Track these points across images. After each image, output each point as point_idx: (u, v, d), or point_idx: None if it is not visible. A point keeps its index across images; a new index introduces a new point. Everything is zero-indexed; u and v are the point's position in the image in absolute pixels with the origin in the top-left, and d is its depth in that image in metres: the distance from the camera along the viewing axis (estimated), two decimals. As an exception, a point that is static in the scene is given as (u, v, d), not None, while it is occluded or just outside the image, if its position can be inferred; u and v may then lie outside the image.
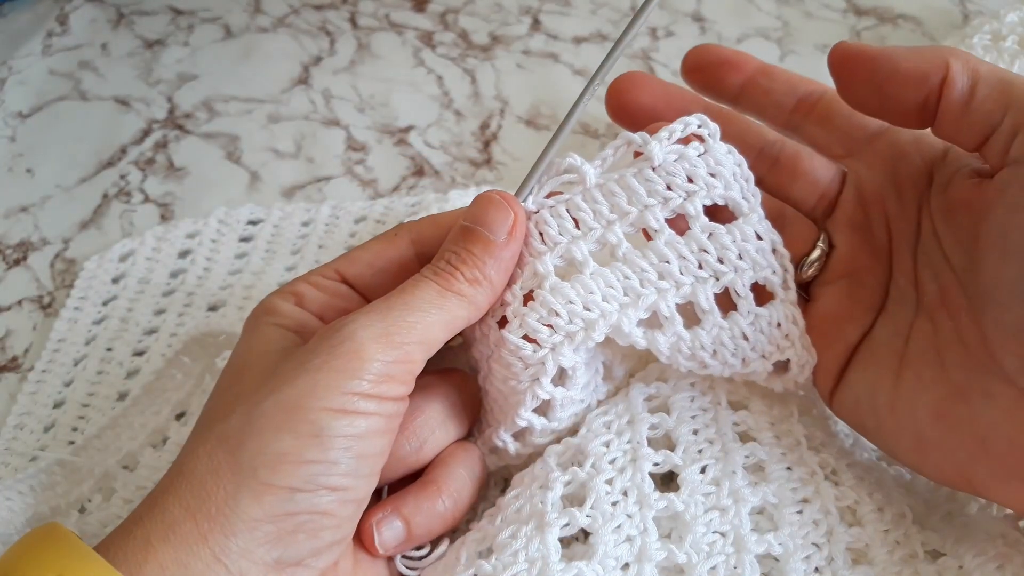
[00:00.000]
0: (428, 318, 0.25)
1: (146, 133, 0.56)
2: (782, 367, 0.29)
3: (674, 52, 0.61)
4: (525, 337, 0.27)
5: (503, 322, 0.28)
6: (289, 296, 0.28)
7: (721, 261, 0.28)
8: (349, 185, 0.52)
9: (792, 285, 0.29)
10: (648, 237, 0.28)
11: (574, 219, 0.28)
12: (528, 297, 0.27)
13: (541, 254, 0.27)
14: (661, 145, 0.28)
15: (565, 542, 0.27)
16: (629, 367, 0.32)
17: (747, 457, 0.29)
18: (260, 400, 0.24)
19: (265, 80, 0.60)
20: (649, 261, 0.27)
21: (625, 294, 0.27)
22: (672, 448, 0.29)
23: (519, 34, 0.63)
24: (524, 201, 0.28)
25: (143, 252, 0.47)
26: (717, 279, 0.28)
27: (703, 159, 0.28)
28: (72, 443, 0.37)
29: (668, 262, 0.27)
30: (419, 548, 0.28)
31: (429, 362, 0.26)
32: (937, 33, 0.60)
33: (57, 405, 0.40)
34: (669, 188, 0.28)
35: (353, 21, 0.65)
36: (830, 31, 0.62)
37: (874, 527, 0.27)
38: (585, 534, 0.27)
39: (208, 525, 0.23)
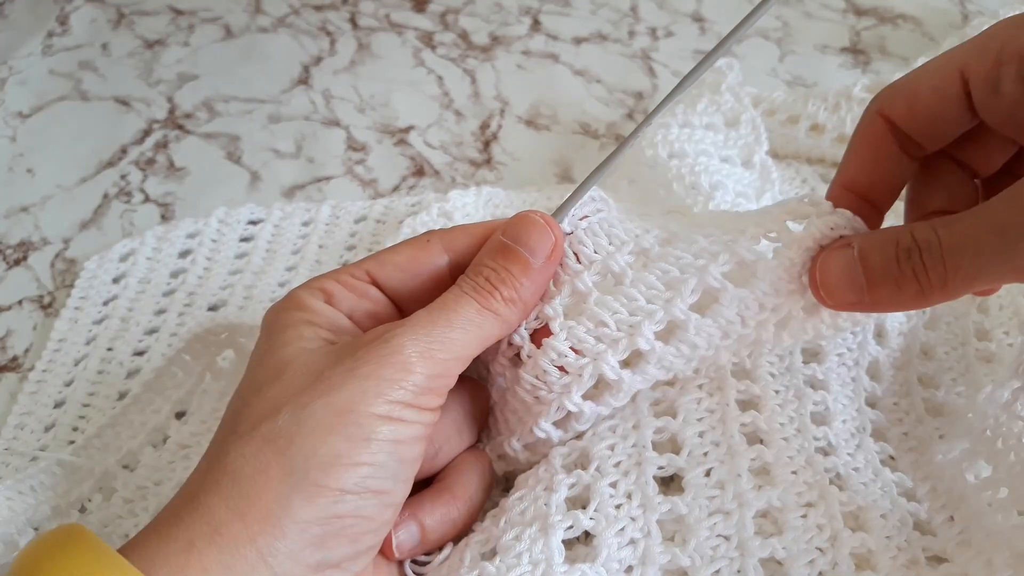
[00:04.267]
0: (467, 336, 0.26)
1: (146, 133, 0.56)
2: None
3: (674, 52, 0.61)
4: (571, 349, 0.28)
5: (537, 335, 0.28)
6: (318, 293, 0.28)
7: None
8: (349, 185, 0.52)
9: None
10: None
11: (607, 236, 0.29)
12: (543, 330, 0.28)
13: (579, 273, 0.28)
14: None
15: (568, 544, 0.27)
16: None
17: (753, 460, 0.29)
18: (308, 402, 0.24)
19: (265, 80, 0.60)
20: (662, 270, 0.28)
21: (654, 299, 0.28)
22: (677, 451, 0.29)
23: (519, 34, 0.63)
24: (561, 223, 0.29)
25: (143, 252, 0.47)
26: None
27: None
28: (72, 443, 0.37)
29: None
30: (427, 554, 0.28)
31: None
32: (937, 33, 0.60)
33: (58, 405, 0.40)
34: None
35: (353, 21, 0.65)
36: (830, 31, 0.62)
37: (877, 533, 0.28)
38: (586, 535, 0.27)
39: (258, 527, 0.22)
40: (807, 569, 0.27)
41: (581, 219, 0.29)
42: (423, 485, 0.29)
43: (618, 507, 0.27)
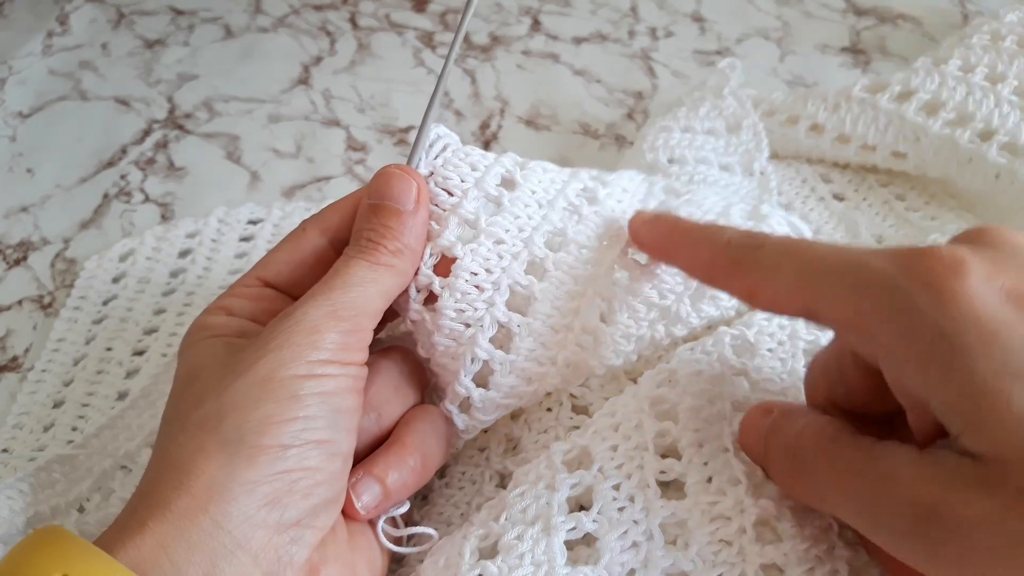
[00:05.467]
0: (367, 292, 0.27)
1: (146, 133, 0.56)
2: None
3: (674, 52, 0.61)
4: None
5: (441, 268, 0.29)
6: (218, 311, 0.29)
7: None
8: (349, 185, 0.52)
9: None
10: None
11: (468, 164, 0.31)
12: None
13: (457, 205, 0.30)
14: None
15: (568, 545, 0.27)
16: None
17: (750, 469, 0.29)
18: (229, 384, 0.25)
19: (265, 80, 0.60)
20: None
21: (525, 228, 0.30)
22: (678, 456, 0.29)
23: (519, 34, 0.63)
24: (417, 167, 0.30)
25: (143, 252, 0.47)
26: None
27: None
28: (71, 442, 0.37)
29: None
30: (395, 526, 0.29)
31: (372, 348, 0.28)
32: (937, 33, 0.60)
33: (57, 405, 0.40)
34: None
35: (353, 21, 0.65)
36: (830, 31, 0.62)
37: None
38: (587, 536, 0.27)
39: (206, 495, 0.23)
40: None
41: (435, 158, 0.30)
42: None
43: (621, 510, 0.27)
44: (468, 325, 0.29)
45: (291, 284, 0.30)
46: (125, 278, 0.45)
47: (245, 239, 0.48)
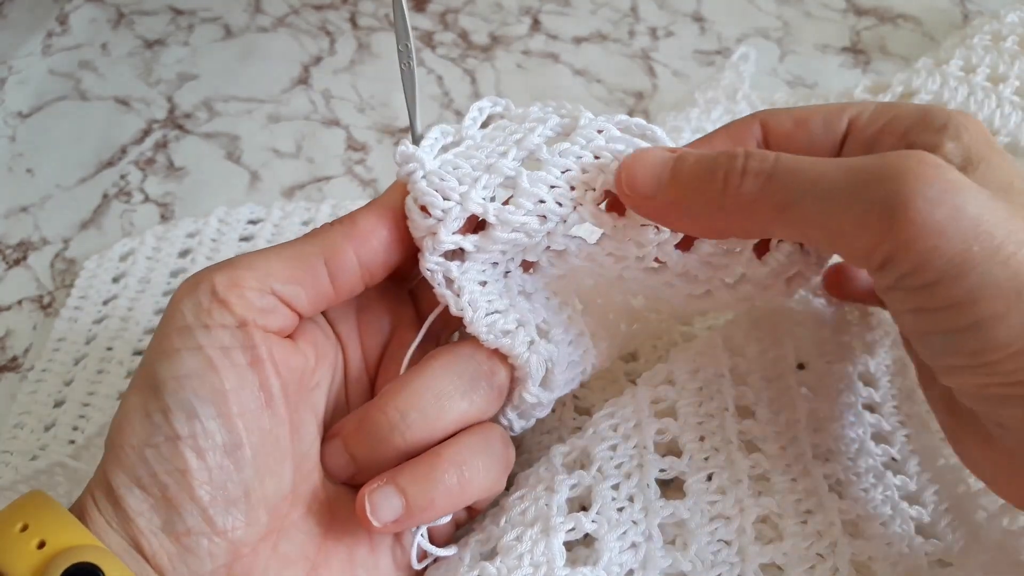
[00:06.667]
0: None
1: (146, 133, 0.56)
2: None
3: (674, 52, 0.61)
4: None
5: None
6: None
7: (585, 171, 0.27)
8: (349, 185, 0.52)
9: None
10: None
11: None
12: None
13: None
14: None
15: (568, 545, 0.27)
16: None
17: (752, 467, 0.29)
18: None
19: (265, 80, 0.60)
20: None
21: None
22: (678, 454, 0.29)
23: (519, 34, 0.63)
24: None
25: (143, 252, 0.47)
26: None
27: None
28: (72, 442, 0.37)
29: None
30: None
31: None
32: (937, 33, 0.60)
33: (57, 404, 0.40)
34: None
35: (353, 21, 0.65)
36: (830, 31, 0.62)
37: (877, 540, 0.28)
38: (587, 537, 0.27)
39: (98, 493, 0.23)
40: (807, 575, 0.27)
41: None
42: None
43: (620, 510, 0.27)
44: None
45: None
46: (125, 278, 0.45)
47: (245, 239, 0.48)
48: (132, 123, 0.57)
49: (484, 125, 0.29)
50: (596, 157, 0.27)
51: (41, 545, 0.22)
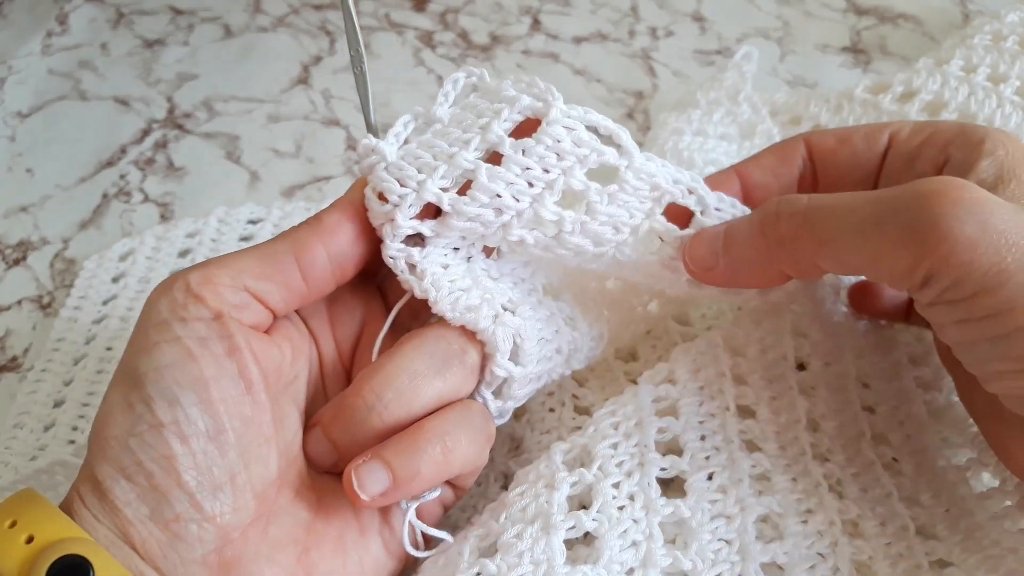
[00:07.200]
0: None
1: (146, 133, 0.56)
2: None
3: (674, 52, 0.61)
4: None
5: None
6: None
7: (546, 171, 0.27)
8: (349, 185, 0.51)
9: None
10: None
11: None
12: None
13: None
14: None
15: (568, 544, 0.27)
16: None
17: (753, 467, 0.29)
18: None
19: (265, 80, 0.60)
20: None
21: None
22: (679, 453, 0.29)
23: (519, 34, 0.63)
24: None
25: (143, 251, 0.47)
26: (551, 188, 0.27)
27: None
28: (72, 442, 0.37)
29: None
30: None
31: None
32: (937, 33, 0.60)
33: (57, 404, 0.40)
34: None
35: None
36: (830, 31, 0.62)
37: (877, 540, 0.28)
38: (587, 535, 0.27)
39: (83, 488, 0.24)
40: (808, 574, 0.27)
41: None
42: None
43: (621, 508, 0.27)
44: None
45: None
46: (125, 278, 0.45)
47: (245, 239, 0.47)
48: (132, 123, 0.57)
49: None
50: (559, 158, 0.27)
51: (29, 540, 0.22)
